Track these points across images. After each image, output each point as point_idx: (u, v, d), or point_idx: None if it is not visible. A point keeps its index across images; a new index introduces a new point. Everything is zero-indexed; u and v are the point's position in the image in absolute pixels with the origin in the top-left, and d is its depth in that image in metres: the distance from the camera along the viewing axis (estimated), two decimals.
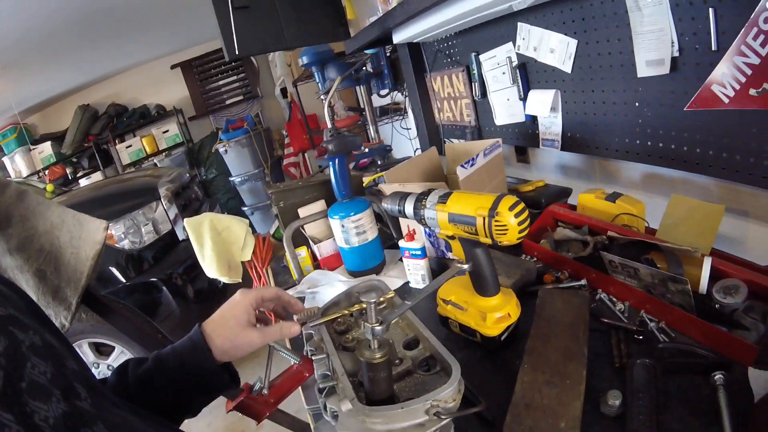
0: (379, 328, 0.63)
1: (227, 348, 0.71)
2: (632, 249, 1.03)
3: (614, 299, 0.99)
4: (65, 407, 0.41)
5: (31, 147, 5.57)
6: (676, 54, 1.07)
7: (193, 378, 0.69)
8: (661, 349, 0.81)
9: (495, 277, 0.87)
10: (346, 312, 0.79)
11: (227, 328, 0.73)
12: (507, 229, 0.75)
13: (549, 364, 0.81)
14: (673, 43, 1.06)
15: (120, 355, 2.71)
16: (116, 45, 4.50)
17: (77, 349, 2.67)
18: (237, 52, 1.52)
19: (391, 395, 0.68)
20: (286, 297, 0.83)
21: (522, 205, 0.76)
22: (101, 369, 2.78)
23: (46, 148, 5.59)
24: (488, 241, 0.78)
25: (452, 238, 0.87)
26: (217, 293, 2.98)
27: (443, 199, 0.86)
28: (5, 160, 5.53)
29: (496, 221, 0.75)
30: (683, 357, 0.78)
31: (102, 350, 2.76)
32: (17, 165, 5.51)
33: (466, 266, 0.82)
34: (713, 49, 0.98)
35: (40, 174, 5.57)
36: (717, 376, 0.70)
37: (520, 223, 0.75)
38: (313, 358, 0.80)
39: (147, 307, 2.68)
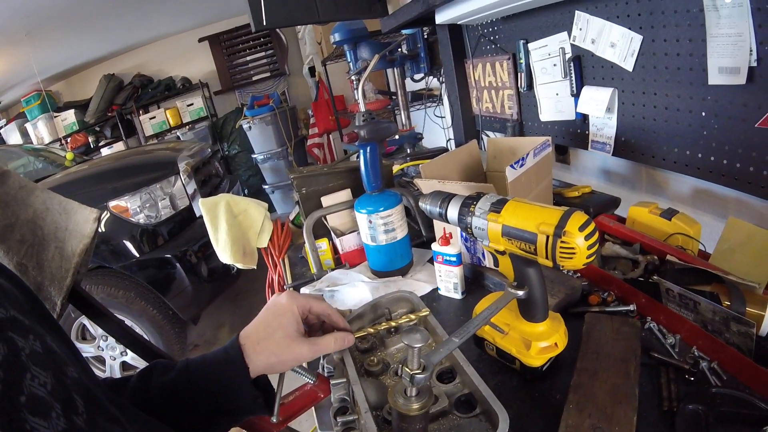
0: (421, 376, 0.53)
1: (272, 363, 0.62)
2: (689, 276, 0.92)
3: (664, 330, 0.87)
4: (65, 425, 0.37)
5: (55, 114, 5.58)
6: (754, 63, 0.95)
7: (223, 397, 0.60)
8: (714, 395, 0.71)
9: (546, 301, 0.76)
10: (372, 330, 0.69)
11: (273, 342, 0.62)
12: (575, 253, 0.63)
13: (596, 406, 0.70)
14: (751, 51, 0.94)
15: None
16: (142, 15, 4.46)
17: (86, 322, 2.67)
18: (264, 23, 1.41)
19: None
20: (336, 317, 0.72)
21: (593, 226, 0.64)
22: (110, 342, 2.76)
23: (70, 116, 5.60)
24: (548, 263, 0.66)
25: (502, 253, 0.76)
26: (231, 275, 2.92)
27: (497, 207, 0.74)
28: (28, 126, 5.56)
29: (562, 242, 0.63)
30: (736, 406, 0.69)
31: None
32: (40, 131, 5.54)
33: (521, 293, 0.71)
34: None
35: (62, 141, 5.58)
36: None
37: (589, 247, 0.63)
38: (332, 381, 0.70)
39: (159, 282, 2.64)
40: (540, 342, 0.77)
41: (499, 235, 0.73)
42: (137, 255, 2.58)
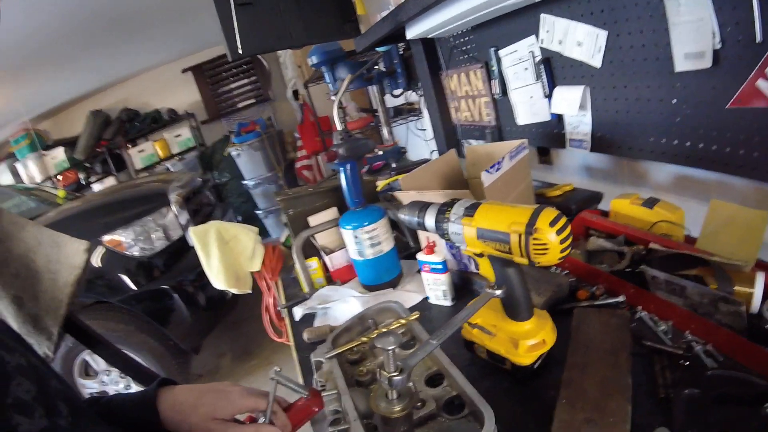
0: (398, 378, 0.54)
1: (181, 428, 0.64)
2: (674, 262, 0.93)
3: (655, 318, 0.87)
4: (47, 423, 0.44)
5: (44, 152, 5.57)
6: (718, 46, 0.96)
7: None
8: (710, 377, 0.71)
9: (528, 299, 0.77)
10: (357, 343, 0.69)
11: (193, 413, 0.65)
12: (548, 249, 0.64)
13: (588, 399, 0.70)
14: (714, 34, 0.96)
15: None
16: (125, 50, 4.50)
17: (88, 357, 2.66)
18: (240, 52, 1.44)
19: None
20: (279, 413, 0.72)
21: (564, 220, 0.66)
22: (113, 376, 2.74)
23: (59, 154, 5.58)
24: (524, 261, 0.68)
25: (480, 255, 0.77)
26: (228, 302, 2.92)
27: (470, 211, 0.75)
28: (18, 165, 5.54)
29: (534, 239, 0.65)
30: (733, 386, 0.69)
31: None
32: (30, 171, 5.51)
33: (498, 292, 0.72)
34: (758, 40, 0.88)
35: (53, 179, 5.57)
36: None
37: (562, 241, 0.64)
38: (323, 394, 0.71)
39: (158, 314, 2.64)
40: (527, 340, 0.78)
41: (475, 238, 0.74)
42: (134, 288, 2.58)
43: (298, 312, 1.32)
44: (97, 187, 5.50)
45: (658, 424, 0.65)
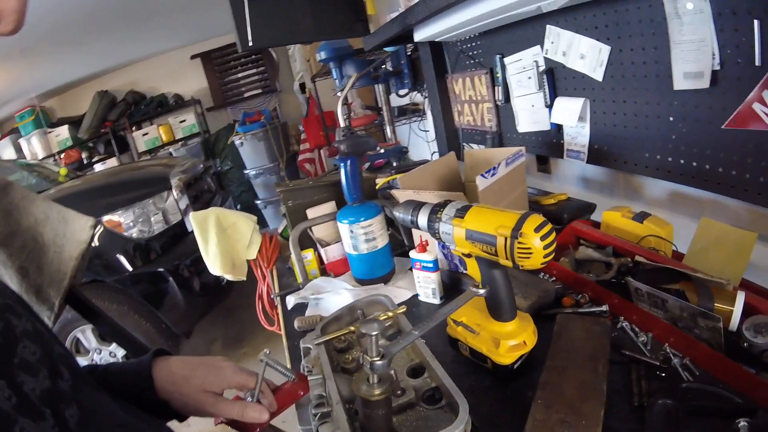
0: (379, 363, 0.56)
1: (174, 401, 0.67)
2: (660, 275, 0.95)
3: (637, 329, 0.90)
4: (50, 384, 0.46)
5: (48, 130, 5.61)
6: (717, 67, 0.98)
7: (135, 402, 0.65)
8: (685, 390, 0.73)
9: (512, 301, 0.80)
10: (345, 331, 0.72)
11: (185, 384, 0.68)
12: (531, 253, 0.67)
13: (564, 401, 0.73)
14: (714, 55, 0.98)
15: None
16: (135, 34, 4.53)
17: (80, 335, 2.69)
18: (251, 44, 1.46)
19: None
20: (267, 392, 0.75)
21: (549, 227, 0.68)
22: (103, 355, 2.77)
23: (63, 132, 5.63)
24: (509, 263, 0.71)
25: (468, 256, 0.80)
26: (223, 289, 2.95)
27: (461, 213, 0.78)
28: (22, 141, 5.57)
29: (519, 243, 0.67)
30: (707, 399, 0.71)
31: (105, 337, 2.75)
32: (33, 147, 5.55)
33: (482, 291, 0.75)
34: (757, 64, 0.90)
35: (56, 157, 5.60)
36: (741, 424, 0.63)
37: (546, 247, 0.67)
38: (309, 378, 0.74)
39: (152, 296, 2.66)
40: (509, 340, 0.80)
41: (464, 238, 0.77)
42: (130, 269, 2.60)
43: (291, 301, 1.34)
44: (98, 167, 5.52)
45: (631, 430, 0.67)
